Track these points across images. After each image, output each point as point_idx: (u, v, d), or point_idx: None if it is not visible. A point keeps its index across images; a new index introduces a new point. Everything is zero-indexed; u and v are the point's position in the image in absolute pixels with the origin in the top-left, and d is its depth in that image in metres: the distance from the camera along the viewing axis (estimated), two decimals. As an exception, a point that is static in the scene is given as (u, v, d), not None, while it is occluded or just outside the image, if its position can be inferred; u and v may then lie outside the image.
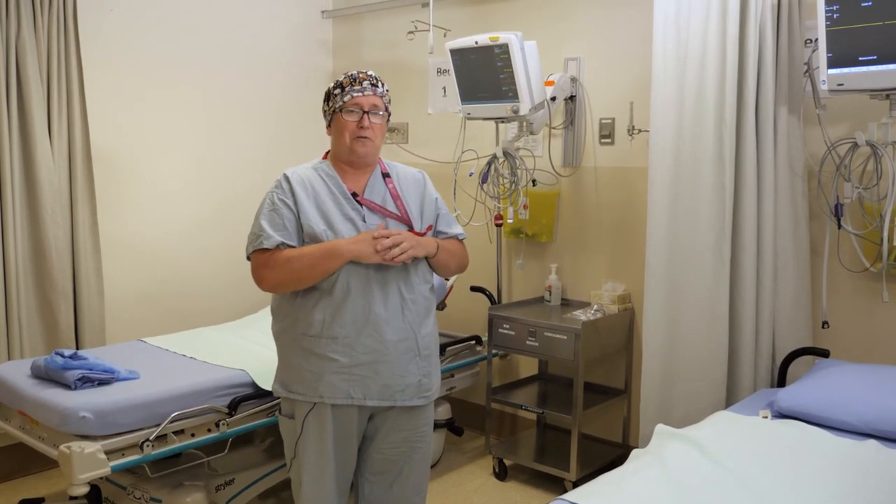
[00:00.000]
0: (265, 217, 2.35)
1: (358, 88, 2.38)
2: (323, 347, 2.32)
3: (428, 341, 2.45)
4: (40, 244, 3.54)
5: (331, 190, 2.40)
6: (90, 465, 2.51)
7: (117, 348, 3.38)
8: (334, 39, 5.02)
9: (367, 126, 2.37)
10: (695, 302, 3.17)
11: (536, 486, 3.70)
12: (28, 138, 3.47)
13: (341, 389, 2.32)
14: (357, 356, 2.32)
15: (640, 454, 2.35)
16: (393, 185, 2.47)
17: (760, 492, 2.04)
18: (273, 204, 2.36)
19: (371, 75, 2.43)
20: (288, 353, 2.41)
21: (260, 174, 4.64)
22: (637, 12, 3.62)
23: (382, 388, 2.35)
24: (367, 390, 2.34)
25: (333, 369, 2.32)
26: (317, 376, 2.33)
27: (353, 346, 2.32)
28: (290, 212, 2.34)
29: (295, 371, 2.38)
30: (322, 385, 2.32)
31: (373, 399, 2.35)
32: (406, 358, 2.38)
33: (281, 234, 2.32)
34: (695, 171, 3.15)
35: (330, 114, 2.45)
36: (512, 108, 3.51)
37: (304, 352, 2.35)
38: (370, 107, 2.38)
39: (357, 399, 2.34)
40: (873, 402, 2.51)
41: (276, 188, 2.39)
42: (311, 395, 2.34)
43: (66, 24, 3.56)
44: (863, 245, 3.00)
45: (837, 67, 2.72)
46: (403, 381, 2.38)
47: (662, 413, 3.25)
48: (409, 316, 2.39)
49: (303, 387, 2.36)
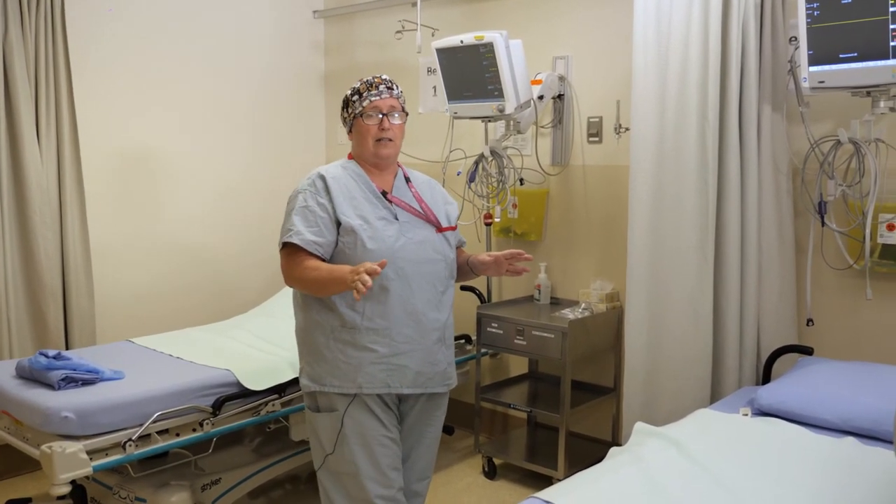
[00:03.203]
0: (297, 213, 2.40)
1: (375, 93, 2.46)
2: (362, 338, 2.39)
3: (451, 331, 2.60)
4: (29, 245, 3.55)
5: (361, 189, 2.47)
6: (72, 465, 2.51)
7: (104, 349, 3.39)
8: (326, 39, 5.02)
9: (387, 127, 2.46)
10: (678, 300, 3.17)
11: (526, 485, 3.70)
12: (16, 140, 3.49)
13: (380, 379, 2.41)
14: (395, 346, 2.41)
15: (618, 452, 2.36)
16: (415, 190, 2.58)
17: (736, 490, 2.04)
18: (305, 202, 2.41)
19: (386, 79, 2.52)
20: (319, 348, 2.45)
21: (252, 174, 4.67)
22: (624, 11, 3.60)
23: (416, 376, 2.46)
24: (403, 378, 2.44)
25: (372, 360, 2.40)
26: (354, 368, 2.40)
27: (392, 336, 2.41)
28: (323, 210, 2.39)
29: (328, 364, 2.42)
30: (361, 376, 2.39)
31: (408, 387, 2.46)
32: (436, 347, 2.51)
33: (313, 231, 2.37)
34: (677, 170, 3.14)
35: (350, 120, 2.52)
36: (497, 106, 3.51)
37: (340, 344, 2.41)
38: (388, 109, 2.47)
39: (394, 387, 2.43)
40: (852, 399, 2.51)
41: (310, 186, 2.44)
42: (350, 386, 2.40)
43: (54, 25, 3.57)
44: (846, 242, 3.00)
45: (818, 65, 2.71)
46: (434, 370, 2.51)
47: (647, 411, 3.26)
48: (441, 308, 2.52)
49: (339, 379, 2.41)
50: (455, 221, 2.66)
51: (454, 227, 2.64)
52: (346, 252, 2.38)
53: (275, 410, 3.10)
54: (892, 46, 2.53)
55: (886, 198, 2.95)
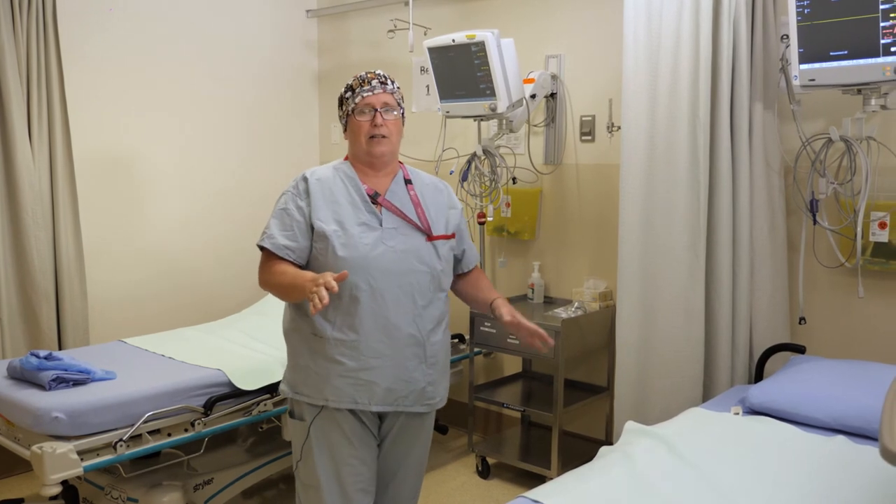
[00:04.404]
0: (276, 216, 2.34)
1: (367, 88, 2.36)
2: (330, 349, 2.28)
3: (437, 349, 2.41)
4: (21, 246, 3.55)
5: (349, 191, 2.36)
6: (62, 466, 2.51)
7: (96, 349, 3.39)
8: (319, 39, 5.02)
9: (380, 123, 2.33)
10: (670, 299, 3.17)
11: (519, 484, 3.70)
12: (8, 140, 3.48)
13: (347, 394, 2.29)
14: (364, 360, 2.28)
15: (608, 451, 2.36)
16: (414, 193, 2.43)
17: (726, 489, 2.04)
18: (286, 204, 2.34)
19: (379, 74, 2.41)
20: (296, 353, 2.38)
21: (246, 174, 4.67)
22: (616, 9, 3.58)
23: (386, 393, 2.32)
24: (372, 395, 2.30)
25: (339, 372, 2.28)
26: (323, 379, 2.30)
27: (361, 350, 2.28)
28: (300, 213, 2.31)
29: (302, 372, 2.35)
30: (328, 388, 2.29)
31: (378, 404, 2.32)
32: (412, 364, 2.34)
33: (287, 235, 2.30)
34: (669, 168, 3.14)
35: (345, 118, 2.42)
36: (490, 105, 3.51)
37: (311, 352, 2.32)
38: (381, 105, 2.35)
39: (362, 404, 2.31)
40: (843, 397, 2.50)
41: (292, 188, 2.37)
42: (317, 397, 2.31)
43: (46, 25, 3.57)
44: (838, 241, 3.00)
45: (809, 63, 2.71)
46: (408, 388, 2.35)
47: (639, 410, 3.26)
48: (420, 323, 2.34)
49: (309, 388, 2.33)
50: (455, 228, 2.48)
51: (450, 236, 2.46)
52: (318, 258, 2.29)
53: (266, 410, 3.09)
54: (883, 44, 2.53)
55: (878, 196, 2.95)
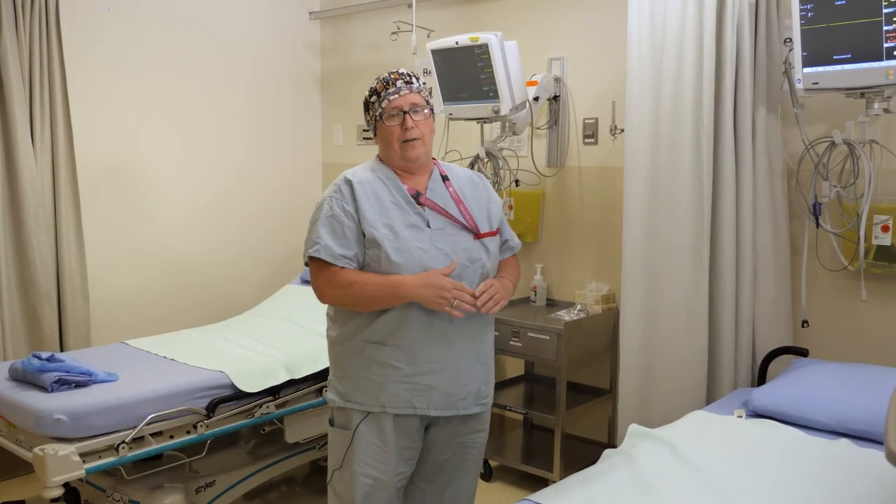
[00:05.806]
0: (324, 224, 2.22)
1: (393, 90, 2.27)
2: (386, 355, 2.22)
3: (488, 349, 2.39)
4: (23, 247, 3.55)
5: (392, 193, 2.27)
6: (64, 468, 2.51)
7: (98, 350, 3.38)
8: (322, 41, 5.02)
9: (411, 126, 2.25)
10: (673, 301, 3.17)
11: (522, 487, 3.69)
12: (10, 141, 3.49)
13: (404, 399, 2.23)
14: (421, 364, 2.23)
15: (612, 454, 2.35)
16: (454, 189, 2.36)
17: (729, 492, 2.03)
18: (332, 210, 2.22)
19: (403, 73, 2.32)
20: (346, 362, 2.30)
21: (248, 175, 4.67)
22: (619, 12, 3.59)
23: (445, 397, 2.26)
24: (430, 399, 2.25)
25: (396, 378, 2.22)
26: (379, 385, 2.23)
27: (418, 355, 2.22)
28: (350, 219, 2.21)
29: (354, 380, 2.27)
30: (385, 395, 2.23)
31: (436, 409, 2.26)
32: (468, 366, 2.30)
33: (341, 244, 2.20)
34: (672, 171, 3.14)
35: (373, 123, 2.34)
36: (493, 108, 3.51)
37: (365, 360, 2.25)
38: (409, 106, 2.26)
39: (420, 409, 2.24)
40: (846, 401, 2.50)
41: (335, 193, 2.25)
42: (373, 404, 2.24)
43: (49, 27, 3.58)
44: (841, 244, 3.00)
45: (812, 66, 2.72)
46: (465, 390, 2.30)
47: (642, 413, 3.25)
48: (475, 325, 2.30)
49: (363, 396, 2.25)
50: (498, 223, 2.41)
51: (495, 232, 2.38)
52: (371, 265, 2.21)
53: (269, 412, 3.09)
54: (886, 48, 2.53)
55: (881, 199, 2.95)
